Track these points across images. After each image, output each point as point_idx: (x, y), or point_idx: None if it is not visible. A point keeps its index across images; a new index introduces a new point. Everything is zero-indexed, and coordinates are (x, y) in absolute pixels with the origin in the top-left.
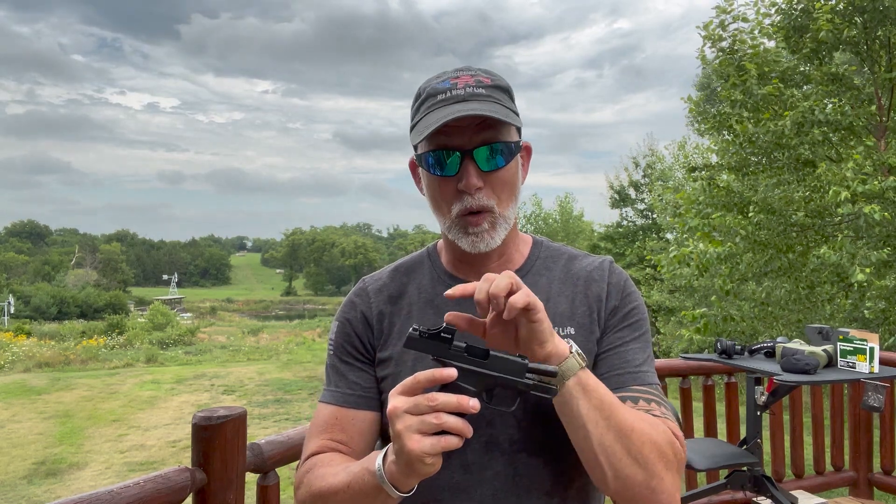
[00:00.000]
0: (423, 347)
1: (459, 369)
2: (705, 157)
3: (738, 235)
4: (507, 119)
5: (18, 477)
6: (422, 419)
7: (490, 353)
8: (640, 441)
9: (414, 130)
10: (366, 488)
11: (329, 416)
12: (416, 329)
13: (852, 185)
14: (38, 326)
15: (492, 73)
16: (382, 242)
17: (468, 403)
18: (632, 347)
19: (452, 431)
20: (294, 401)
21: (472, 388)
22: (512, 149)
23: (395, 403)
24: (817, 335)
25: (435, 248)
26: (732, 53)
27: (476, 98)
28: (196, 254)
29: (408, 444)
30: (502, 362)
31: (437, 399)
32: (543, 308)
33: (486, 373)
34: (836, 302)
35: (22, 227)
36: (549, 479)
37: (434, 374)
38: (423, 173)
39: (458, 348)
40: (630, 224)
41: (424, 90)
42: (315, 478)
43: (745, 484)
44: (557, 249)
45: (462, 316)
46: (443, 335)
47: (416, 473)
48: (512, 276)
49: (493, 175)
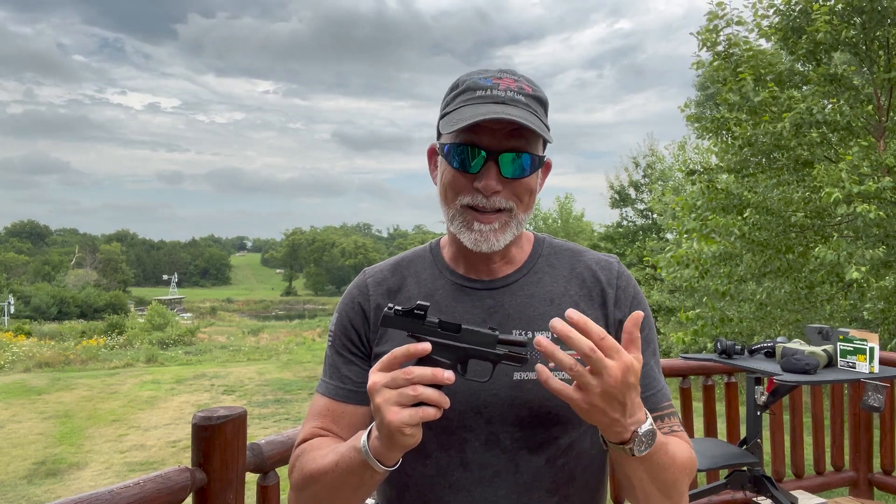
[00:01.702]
0: (398, 325)
1: (434, 343)
2: (705, 157)
3: (733, 235)
4: (539, 131)
5: (18, 477)
6: (399, 392)
7: (462, 326)
8: (675, 480)
9: (445, 119)
10: (352, 465)
11: (322, 408)
12: (391, 307)
13: (847, 185)
14: (38, 326)
15: (533, 84)
16: (382, 242)
17: (443, 375)
18: (651, 366)
19: (429, 403)
20: (294, 401)
21: (447, 361)
22: (536, 162)
23: (373, 379)
24: (817, 335)
25: (438, 243)
26: (727, 57)
27: (515, 104)
28: (196, 254)
29: (387, 416)
30: (474, 335)
31: (412, 372)
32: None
33: (459, 345)
34: (835, 302)
35: (22, 227)
36: (550, 478)
37: (409, 348)
38: (442, 162)
39: (431, 324)
40: (630, 224)
41: (464, 82)
42: (306, 461)
43: (745, 484)
44: (560, 246)
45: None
46: (416, 312)
47: (397, 445)
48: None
49: (513, 182)
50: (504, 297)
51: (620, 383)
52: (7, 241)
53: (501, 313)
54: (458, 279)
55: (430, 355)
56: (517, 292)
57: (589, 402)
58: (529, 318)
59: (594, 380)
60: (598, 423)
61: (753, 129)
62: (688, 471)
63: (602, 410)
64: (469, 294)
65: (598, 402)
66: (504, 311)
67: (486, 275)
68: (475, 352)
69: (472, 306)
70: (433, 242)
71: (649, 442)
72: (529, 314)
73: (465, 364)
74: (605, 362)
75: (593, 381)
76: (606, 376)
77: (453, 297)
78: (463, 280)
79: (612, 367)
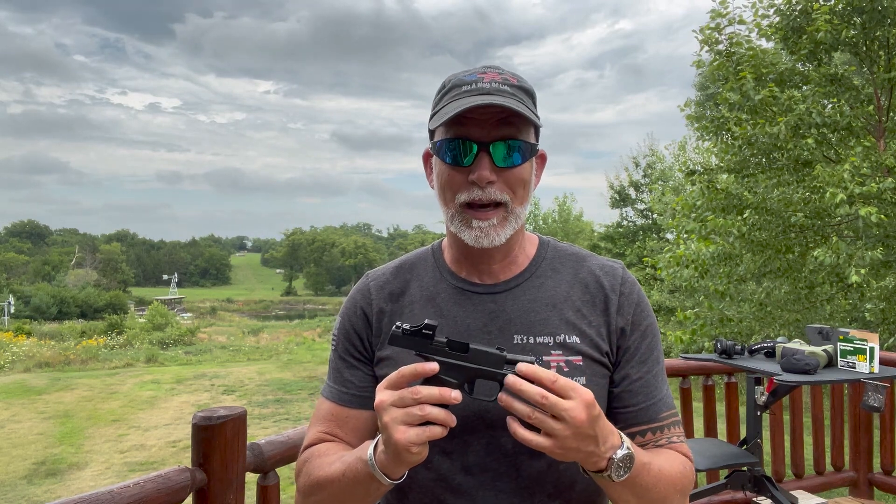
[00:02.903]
0: (406, 344)
1: (441, 363)
2: (705, 157)
3: (731, 235)
4: (527, 115)
5: (18, 477)
6: (407, 411)
7: (469, 346)
8: (664, 497)
9: (434, 118)
10: (359, 476)
11: (326, 412)
12: (399, 326)
13: (849, 186)
14: (38, 326)
15: (519, 76)
16: (382, 242)
17: (450, 395)
18: (655, 373)
19: (436, 422)
20: (294, 401)
21: (454, 381)
22: (529, 149)
23: (381, 397)
24: (817, 335)
25: (439, 246)
26: (729, 56)
27: (500, 94)
28: (196, 254)
29: (394, 436)
30: (481, 355)
31: (420, 392)
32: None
33: (467, 365)
34: (835, 302)
35: (22, 227)
36: (551, 482)
37: (417, 368)
38: (437, 162)
39: (439, 343)
40: (630, 224)
41: (450, 81)
42: (313, 467)
43: (745, 484)
44: (565, 250)
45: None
46: (424, 332)
47: (403, 462)
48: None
49: (507, 171)
50: (506, 301)
51: (585, 421)
52: (7, 241)
53: (503, 318)
54: (460, 283)
55: (438, 374)
56: (519, 296)
57: (560, 447)
58: (531, 322)
59: (557, 424)
60: (575, 459)
61: (753, 129)
62: (678, 487)
63: (575, 449)
64: (471, 298)
65: (570, 443)
66: (506, 315)
67: (488, 278)
68: (483, 372)
69: (473, 310)
70: (435, 244)
71: (627, 466)
72: (531, 319)
73: (472, 384)
74: (562, 405)
75: (557, 425)
76: (568, 418)
77: (455, 301)
78: (465, 284)
79: (572, 407)
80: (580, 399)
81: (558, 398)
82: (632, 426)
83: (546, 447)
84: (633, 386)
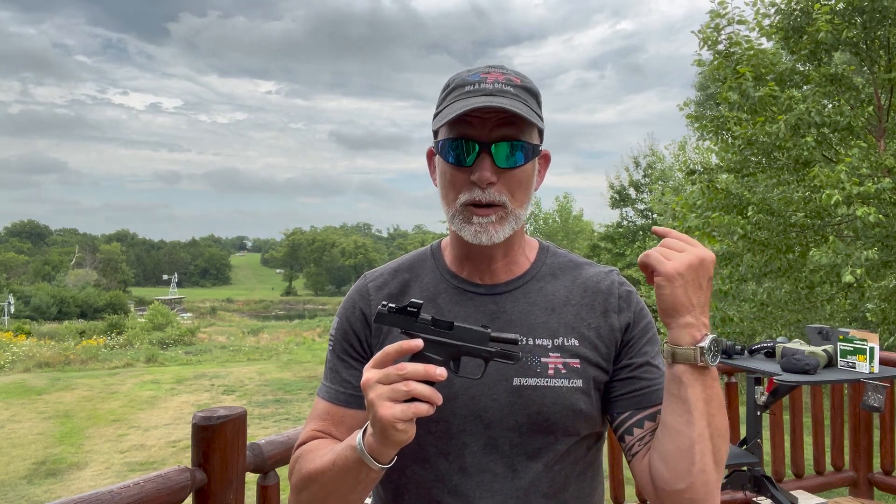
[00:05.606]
0: (391, 322)
1: (426, 340)
2: (705, 157)
3: (735, 234)
4: (529, 117)
5: (18, 477)
6: (392, 387)
7: (454, 324)
8: (723, 448)
9: (437, 118)
10: (349, 463)
11: (322, 411)
12: (385, 305)
13: (847, 186)
14: (37, 326)
15: (523, 76)
16: (382, 242)
17: (435, 371)
18: (659, 361)
19: (422, 398)
20: (294, 401)
21: (440, 358)
22: (531, 150)
23: (367, 375)
24: (817, 335)
25: (439, 246)
26: (728, 56)
27: (503, 94)
28: (196, 254)
29: (380, 412)
30: (466, 332)
31: (405, 368)
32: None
33: (452, 342)
34: (835, 302)
35: (22, 227)
36: (547, 483)
37: (402, 345)
38: (439, 161)
39: (424, 321)
40: (630, 224)
41: (453, 81)
42: (304, 462)
43: (745, 484)
44: (564, 256)
45: None
46: (409, 309)
47: (391, 441)
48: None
49: (508, 172)
50: (507, 302)
51: (707, 259)
52: (7, 241)
53: (504, 318)
54: (461, 283)
55: (423, 352)
56: (520, 298)
57: (675, 269)
58: (531, 325)
59: (685, 246)
60: (676, 310)
61: (753, 129)
62: (725, 437)
63: (683, 287)
64: (472, 298)
65: (684, 270)
66: (506, 316)
67: (489, 278)
68: (467, 349)
69: (474, 310)
70: (434, 245)
71: (716, 351)
72: (531, 321)
73: (457, 361)
74: (692, 241)
75: (684, 247)
76: (694, 248)
77: (456, 301)
78: (465, 284)
79: (698, 245)
80: (704, 250)
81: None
82: (645, 408)
83: (663, 263)
84: (643, 368)
